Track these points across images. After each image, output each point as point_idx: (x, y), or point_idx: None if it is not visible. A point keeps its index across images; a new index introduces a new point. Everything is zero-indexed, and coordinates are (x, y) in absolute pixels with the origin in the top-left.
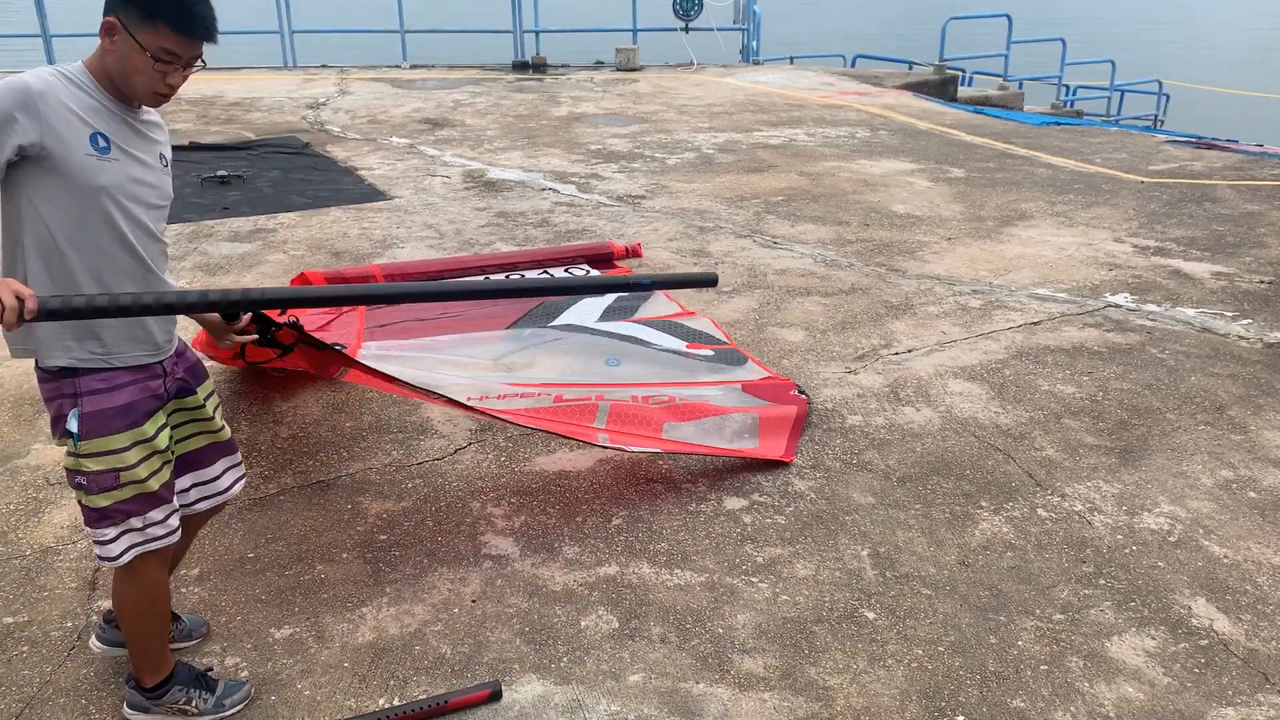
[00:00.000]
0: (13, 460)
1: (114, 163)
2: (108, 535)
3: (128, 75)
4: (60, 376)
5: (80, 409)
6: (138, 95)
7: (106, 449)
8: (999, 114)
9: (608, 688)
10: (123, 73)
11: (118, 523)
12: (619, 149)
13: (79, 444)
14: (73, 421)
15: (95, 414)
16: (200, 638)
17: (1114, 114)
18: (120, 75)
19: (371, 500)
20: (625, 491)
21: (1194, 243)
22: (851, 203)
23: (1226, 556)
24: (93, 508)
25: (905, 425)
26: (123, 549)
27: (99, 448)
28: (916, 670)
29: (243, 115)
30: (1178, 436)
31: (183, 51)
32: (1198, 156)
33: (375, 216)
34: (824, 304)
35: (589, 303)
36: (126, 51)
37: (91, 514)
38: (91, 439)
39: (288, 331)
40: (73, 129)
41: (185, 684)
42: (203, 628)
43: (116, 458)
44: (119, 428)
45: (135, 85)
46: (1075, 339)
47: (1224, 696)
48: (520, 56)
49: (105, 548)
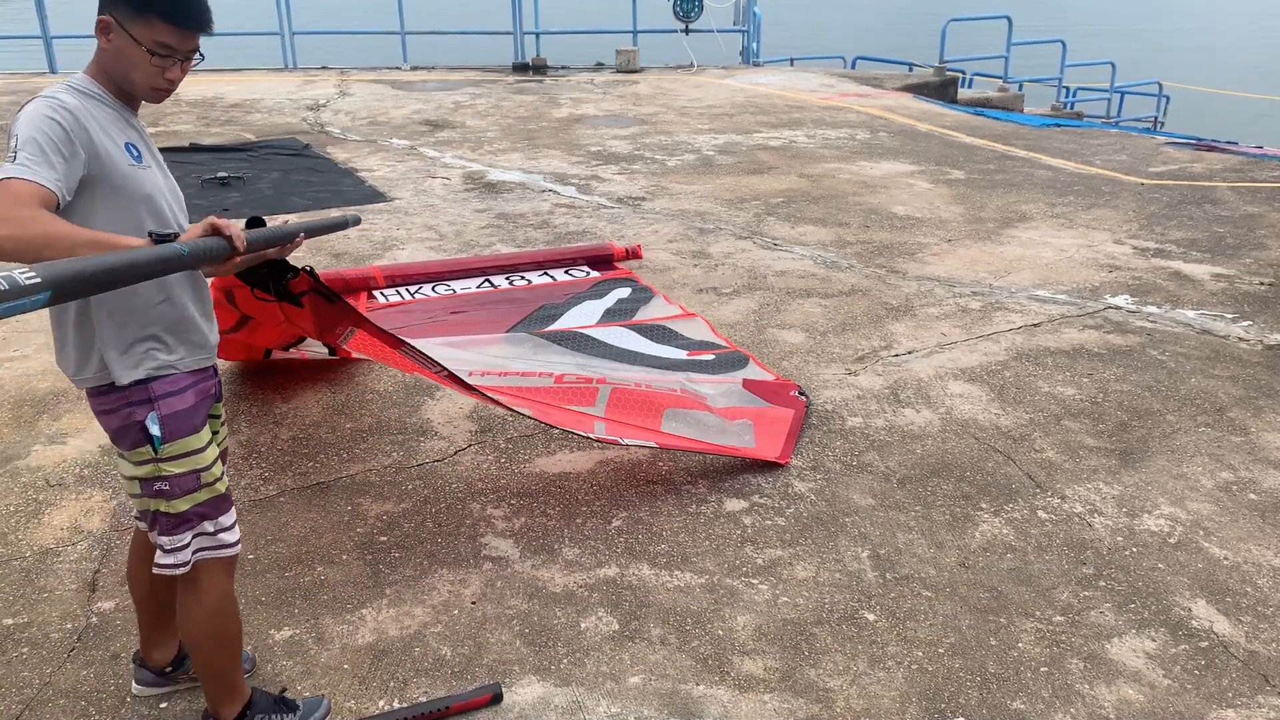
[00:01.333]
0: (13, 461)
1: (148, 170)
2: (183, 541)
3: (127, 73)
4: (131, 388)
5: (159, 412)
6: (138, 92)
7: (187, 450)
8: (999, 115)
9: (608, 689)
10: (122, 71)
11: (193, 527)
12: (619, 150)
13: (161, 448)
14: (154, 425)
15: (173, 416)
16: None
17: (1114, 116)
18: (120, 74)
19: (371, 502)
20: (625, 493)
21: (1194, 244)
22: (851, 204)
23: (1227, 558)
24: (173, 513)
25: (905, 427)
26: (191, 554)
27: (180, 449)
28: (917, 672)
29: (243, 117)
30: (1178, 438)
31: (179, 44)
32: (1198, 158)
33: (375, 218)
34: (824, 305)
35: (589, 305)
36: (123, 48)
37: (170, 520)
38: (174, 440)
39: (303, 277)
40: (112, 143)
41: (266, 711)
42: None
43: (197, 457)
44: (195, 427)
45: (135, 82)
46: (1075, 341)
47: (1224, 698)
48: (520, 58)
49: (178, 554)
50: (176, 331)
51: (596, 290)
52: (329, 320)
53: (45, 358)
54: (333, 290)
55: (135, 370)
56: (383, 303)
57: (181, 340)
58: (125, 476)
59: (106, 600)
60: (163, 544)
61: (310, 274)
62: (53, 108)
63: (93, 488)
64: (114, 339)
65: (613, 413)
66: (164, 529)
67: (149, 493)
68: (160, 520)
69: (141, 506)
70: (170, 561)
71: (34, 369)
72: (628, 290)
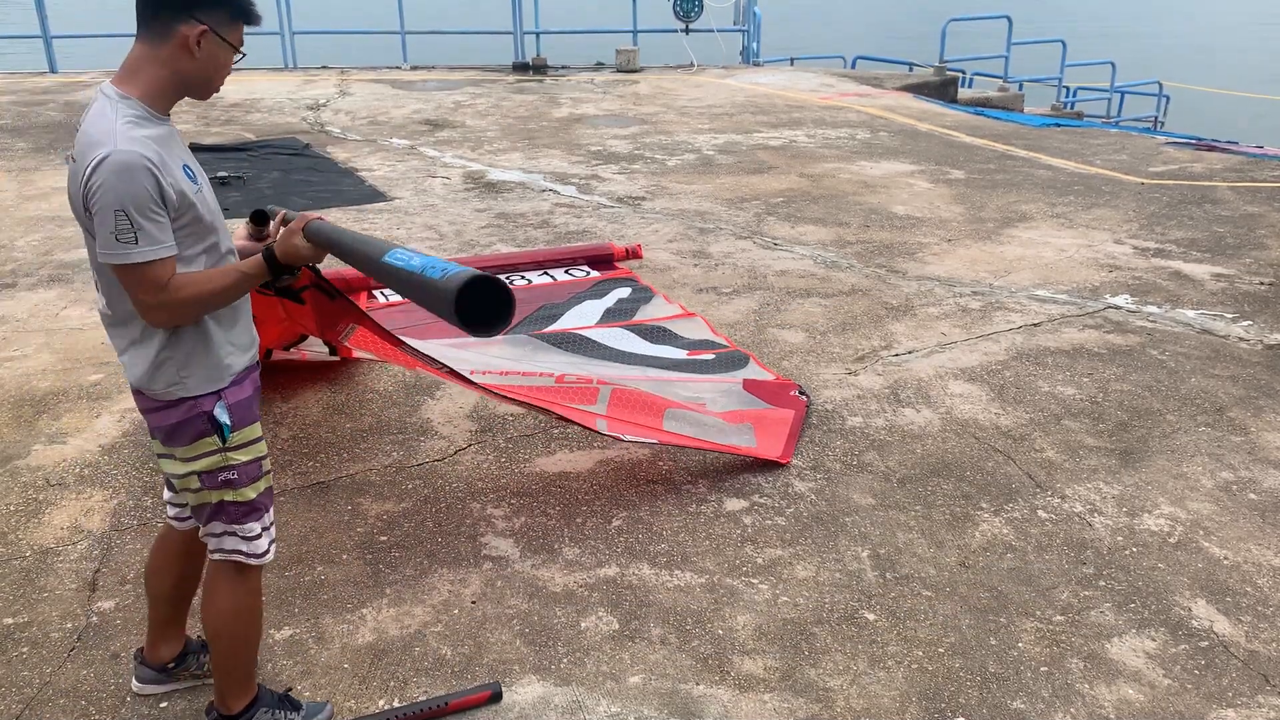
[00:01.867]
0: (13, 461)
1: (201, 192)
2: (254, 530)
3: (211, 78)
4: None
5: (226, 401)
6: (205, 94)
7: (252, 438)
8: (999, 115)
9: (608, 689)
10: (206, 76)
11: (261, 515)
12: (619, 150)
13: (230, 436)
14: (222, 413)
15: (238, 404)
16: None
17: (1114, 115)
18: (201, 79)
19: (371, 501)
20: (625, 492)
21: (1194, 244)
22: (852, 204)
23: (1227, 558)
24: (242, 501)
25: (905, 427)
26: (267, 544)
27: (246, 437)
28: (917, 671)
29: (243, 116)
30: (1178, 438)
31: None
32: (1198, 158)
33: (375, 217)
34: (824, 305)
35: (588, 305)
36: (216, 53)
37: (240, 509)
38: (241, 429)
39: (305, 273)
40: (181, 173)
41: (271, 706)
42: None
43: (260, 445)
44: (255, 417)
45: (212, 84)
46: (1075, 340)
47: (1224, 698)
48: (520, 58)
49: (253, 543)
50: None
51: (597, 290)
52: (330, 317)
53: (45, 357)
54: (334, 286)
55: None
56: (383, 302)
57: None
58: (178, 475)
59: (107, 600)
60: (235, 531)
61: (312, 269)
62: (142, 161)
63: (93, 487)
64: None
65: (614, 411)
66: (233, 518)
67: (212, 485)
68: (228, 510)
69: (199, 501)
70: (249, 550)
71: (34, 368)
72: (628, 290)
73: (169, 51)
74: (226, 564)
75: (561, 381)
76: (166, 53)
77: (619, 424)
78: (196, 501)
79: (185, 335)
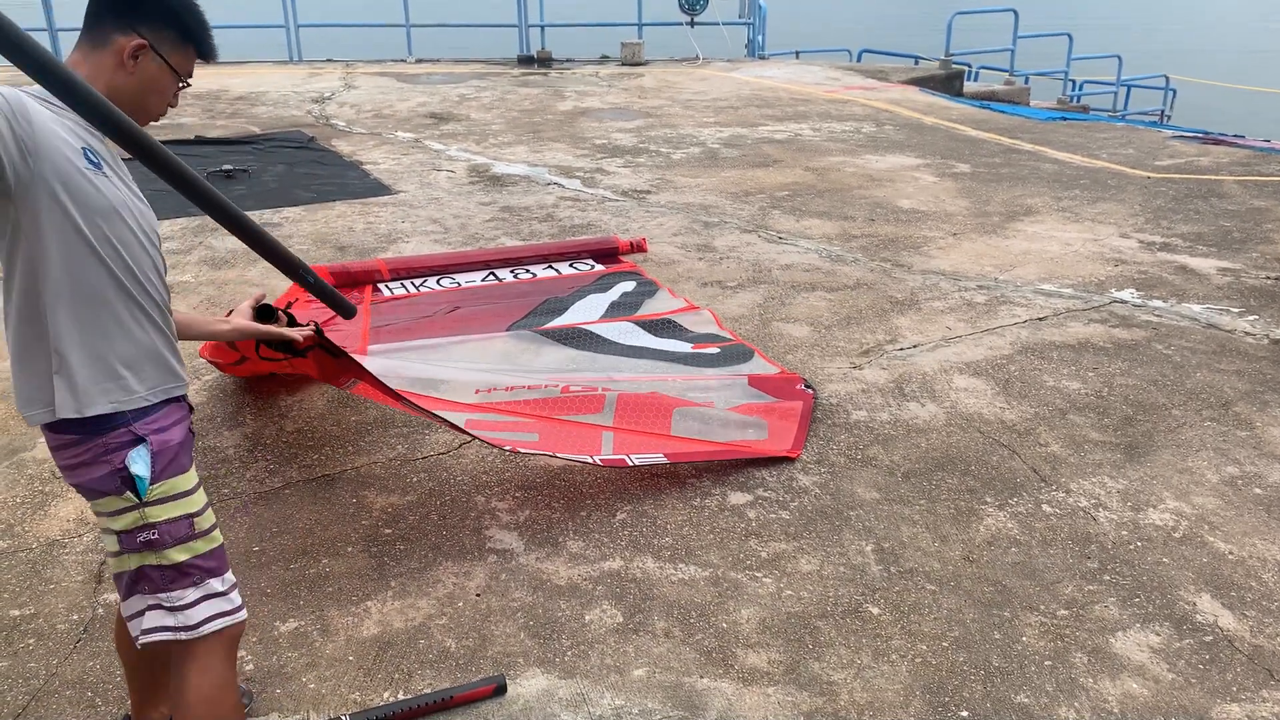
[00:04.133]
0: (19, 454)
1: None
2: (187, 598)
3: (144, 97)
4: (101, 426)
5: (151, 447)
6: (148, 117)
7: (176, 491)
8: (1005, 109)
9: (612, 682)
10: (139, 94)
11: (198, 582)
12: (624, 144)
13: (148, 490)
14: (140, 463)
15: (164, 451)
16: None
17: (1120, 109)
18: (134, 96)
19: (376, 494)
20: (629, 486)
21: (1200, 238)
22: (857, 198)
23: (1232, 553)
24: (167, 565)
25: (910, 421)
26: (206, 615)
27: (169, 490)
28: (920, 665)
29: (248, 109)
30: (1183, 433)
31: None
32: (1204, 152)
33: (380, 211)
34: (829, 299)
35: (593, 299)
36: (154, 73)
37: (165, 573)
38: (164, 480)
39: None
40: (63, 141)
41: None
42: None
43: (188, 500)
44: (185, 465)
45: (149, 107)
46: (1081, 335)
47: (1228, 693)
48: (525, 51)
49: (184, 614)
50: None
51: (601, 284)
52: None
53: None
54: (338, 347)
55: (100, 401)
56: (388, 295)
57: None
58: (103, 533)
59: (113, 592)
60: (160, 601)
61: (316, 331)
62: None
63: None
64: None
65: (621, 419)
66: (156, 586)
67: (130, 548)
68: (149, 577)
69: (119, 568)
70: (170, 623)
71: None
72: (632, 284)
73: (102, 60)
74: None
75: (567, 392)
76: (100, 61)
77: (626, 436)
78: (117, 568)
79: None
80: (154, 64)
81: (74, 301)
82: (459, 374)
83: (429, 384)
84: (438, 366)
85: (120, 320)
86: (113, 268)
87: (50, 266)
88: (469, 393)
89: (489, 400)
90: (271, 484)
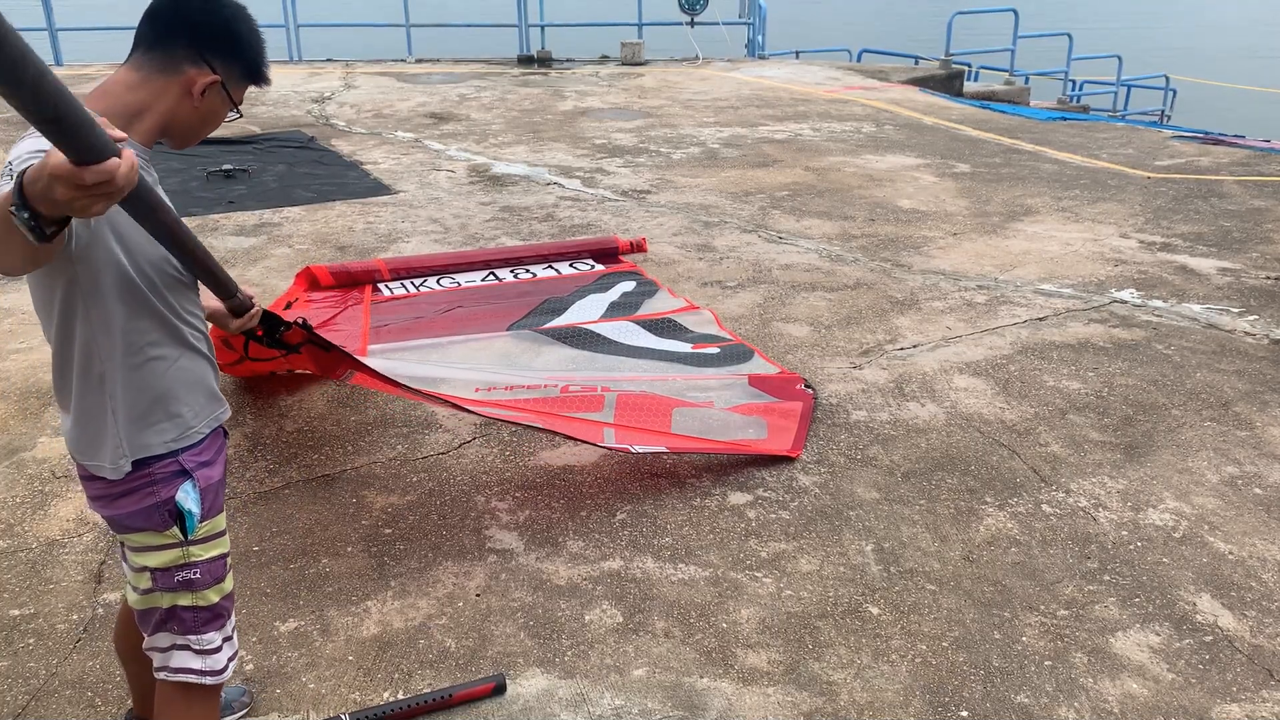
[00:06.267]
0: (19, 453)
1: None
2: (215, 642)
3: (199, 128)
4: (151, 461)
5: (198, 483)
6: (188, 145)
7: (217, 530)
8: (1005, 109)
9: (612, 681)
10: (199, 125)
11: (223, 624)
12: (624, 143)
13: (196, 529)
14: (191, 500)
15: (210, 488)
16: (243, 709)
17: (1121, 109)
18: (194, 127)
19: (376, 494)
20: (629, 486)
21: (1200, 238)
22: (857, 198)
23: (1231, 553)
24: (204, 606)
25: (910, 421)
26: (228, 658)
27: (212, 529)
28: (920, 665)
29: (248, 109)
30: (1183, 433)
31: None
32: (1204, 152)
33: (380, 211)
34: (829, 299)
35: (593, 299)
36: (215, 107)
37: (200, 614)
38: (210, 518)
39: (296, 330)
40: None
41: None
42: (244, 697)
43: (224, 540)
44: (222, 504)
45: (202, 135)
46: (1081, 335)
47: (1228, 693)
48: (525, 51)
49: (212, 658)
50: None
51: (601, 284)
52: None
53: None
54: (328, 341)
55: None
56: (388, 295)
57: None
58: (133, 568)
59: (113, 592)
60: (190, 644)
61: (304, 327)
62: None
63: None
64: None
65: (621, 417)
66: (187, 627)
67: (167, 585)
68: (180, 618)
69: (148, 604)
70: (198, 666)
71: (40, 361)
72: (632, 284)
73: (167, 87)
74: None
75: (566, 392)
76: (163, 86)
77: (627, 432)
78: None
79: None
80: (218, 98)
81: (128, 350)
82: (459, 373)
83: (429, 383)
84: (437, 366)
85: (172, 358)
86: (159, 307)
87: (109, 318)
88: (469, 391)
89: (489, 398)
90: (271, 484)
